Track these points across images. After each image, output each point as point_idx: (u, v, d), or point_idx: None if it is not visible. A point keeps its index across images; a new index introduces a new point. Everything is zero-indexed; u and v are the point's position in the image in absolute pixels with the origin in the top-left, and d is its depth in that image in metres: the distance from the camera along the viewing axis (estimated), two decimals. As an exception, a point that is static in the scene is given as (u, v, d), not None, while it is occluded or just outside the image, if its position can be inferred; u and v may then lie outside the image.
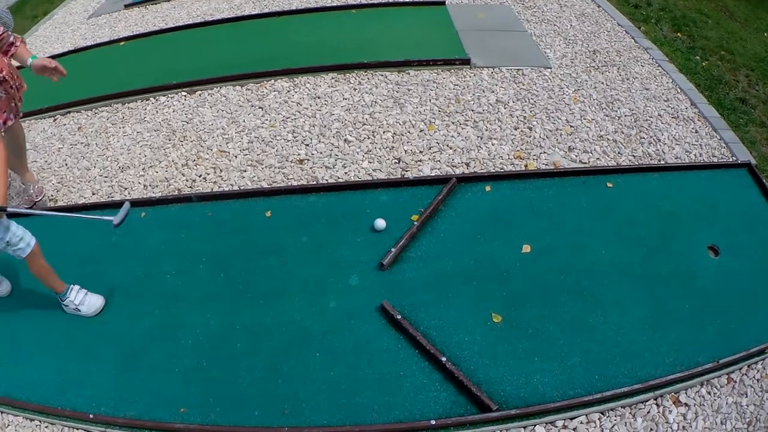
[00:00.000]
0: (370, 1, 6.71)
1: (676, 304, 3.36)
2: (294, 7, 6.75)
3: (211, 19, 6.71)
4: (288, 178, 4.06)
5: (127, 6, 7.83)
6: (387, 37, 5.84)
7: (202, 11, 7.17)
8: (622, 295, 3.37)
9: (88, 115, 5.14)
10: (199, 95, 5.14)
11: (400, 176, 4.07)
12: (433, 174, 4.09)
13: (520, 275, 3.43)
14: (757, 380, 3.15)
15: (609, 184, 4.08)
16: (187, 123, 4.76)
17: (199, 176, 4.17)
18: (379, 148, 4.34)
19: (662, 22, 6.86)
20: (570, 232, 3.70)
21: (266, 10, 6.80)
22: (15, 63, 3.59)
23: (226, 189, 4.00)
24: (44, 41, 7.37)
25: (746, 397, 3.05)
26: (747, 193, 4.33)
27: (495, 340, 3.10)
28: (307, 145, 4.37)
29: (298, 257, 3.43)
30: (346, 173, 4.11)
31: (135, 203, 3.81)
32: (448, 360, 2.96)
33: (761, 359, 3.22)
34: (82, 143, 4.76)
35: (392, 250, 3.43)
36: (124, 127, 4.88)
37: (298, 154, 4.27)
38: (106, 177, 4.34)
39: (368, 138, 4.44)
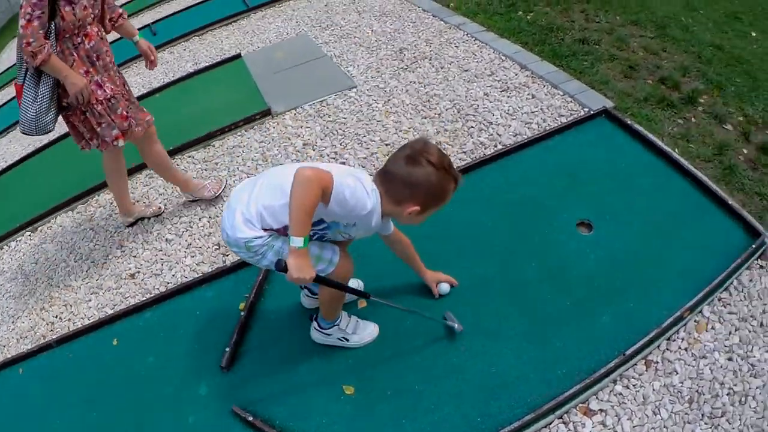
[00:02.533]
0: (173, 78, 6.71)
1: (557, 304, 3.25)
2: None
3: (33, 149, 6.59)
4: (125, 298, 4.07)
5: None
6: (192, 113, 5.84)
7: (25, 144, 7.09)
8: (487, 319, 3.24)
9: (-48, 279, 5.22)
10: (41, 231, 5.15)
11: (222, 263, 4.03)
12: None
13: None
14: (685, 349, 3.06)
15: (445, 197, 3.93)
16: (36, 264, 4.75)
17: (56, 317, 4.17)
18: (198, 239, 4.31)
19: (473, -11, 6.88)
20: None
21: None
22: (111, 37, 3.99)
23: (78, 325, 4.01)
24: None
25: (677, 374, 2.95)
26: (611, 142, 4.31)
27: (354, 413, 2.98)
28: (135, 256, 4.38)
29: (148, 379, 3.43)
30: (173, 276, 4.10)
31: (11, 362, 3.88)
32: (310, 450, 2.87)
33: (683, 325, 3.13)
34: (-47, 309, 4.80)
35: (227, 349, 3.40)
36: (-15, 283, 4.96)
37: (129, 269, 4.28)
38: (-18, 337, 4.38)
39: (186, 231, 4.42)
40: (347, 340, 3.25)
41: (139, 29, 4.72)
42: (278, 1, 7.62)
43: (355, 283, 3.42)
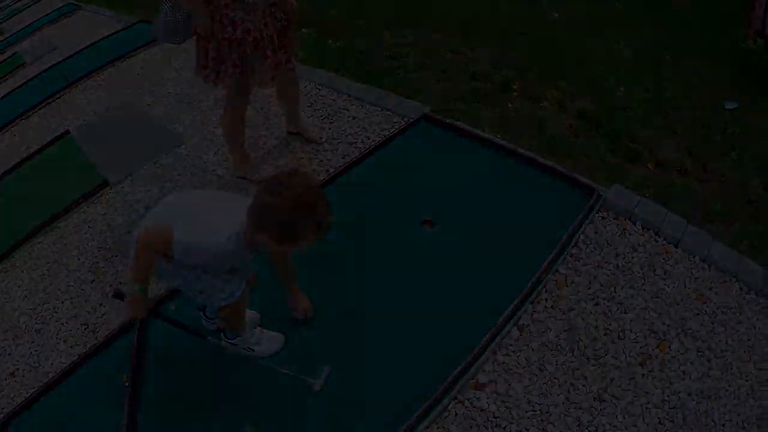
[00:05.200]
0: (6, 168, 6.29)
1: (422, 298, 3.43)
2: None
3: None
4: (12, 399, 3.82)
5: None
6: (32, 199, 5.59)
7: None
8: (362, 329, 3.37)
9: None
10: None
11: (96, 341, 3.88)
12: (120, 321, 3.96)
13: (251, 381, 3.31)
14: (552, 307, 3.32)
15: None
16: None
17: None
18: (64, 322, 4.14)
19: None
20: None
21: None
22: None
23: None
24: None
25: (551, 330, 3.20)
26: (436, 143, 4.55)
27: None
28: (9, 354, 4.15)
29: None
30: (51, 365, 3.93)
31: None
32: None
33: (543, 287, 3.39)
34: None
35: (123, 422, 3.27)
36: None
37: (8, 368, 4.06)
38: None
39: (51, 317, 4.23)
40: (253, 350, 3.29)
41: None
42: (96, 72, 7.42)
43: (250, 314, 3.41)
